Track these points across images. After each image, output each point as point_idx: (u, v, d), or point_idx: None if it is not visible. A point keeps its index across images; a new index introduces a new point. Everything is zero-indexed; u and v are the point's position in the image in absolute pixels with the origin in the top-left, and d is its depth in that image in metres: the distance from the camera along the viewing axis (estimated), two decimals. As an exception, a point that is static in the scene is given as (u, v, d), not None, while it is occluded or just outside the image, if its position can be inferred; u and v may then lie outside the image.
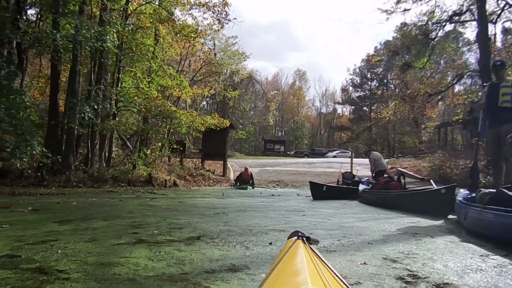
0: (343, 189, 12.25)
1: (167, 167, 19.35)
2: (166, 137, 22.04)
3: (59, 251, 3.00)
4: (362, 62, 70.26)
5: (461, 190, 6.76)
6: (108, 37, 13.44)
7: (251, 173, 18.73)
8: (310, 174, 24.26)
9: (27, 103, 13.89)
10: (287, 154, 55.90)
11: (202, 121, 17.87)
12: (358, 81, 73.10)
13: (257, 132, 65.95)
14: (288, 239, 1.61)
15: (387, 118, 36.65)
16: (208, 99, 47.80)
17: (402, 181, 9.74)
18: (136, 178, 16.13)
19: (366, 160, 15.54)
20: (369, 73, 71.22)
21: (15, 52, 16.59)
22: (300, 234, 1.54)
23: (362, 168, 21.61)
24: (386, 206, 8.42)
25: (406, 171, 21.52)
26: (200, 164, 23.08)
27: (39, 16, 18.95)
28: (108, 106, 15.36)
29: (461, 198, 5.65)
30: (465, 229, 4.90)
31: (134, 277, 2.40)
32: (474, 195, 5.35)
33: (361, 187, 11.94)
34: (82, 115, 13.88)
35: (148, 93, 17.36)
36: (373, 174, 14.06)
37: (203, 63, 30.51)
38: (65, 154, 15.61)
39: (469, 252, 3.50)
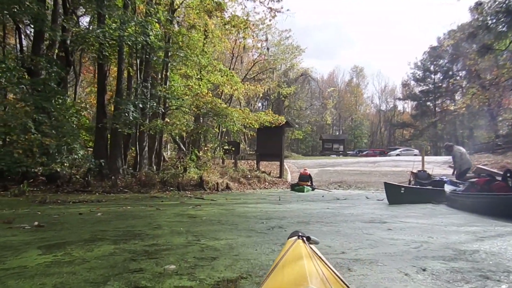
0: (426, 191, 10.12)
1: (220, 170, 18.07)
2: (218, 138, 20.88)
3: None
4: (424, 55, 65.91)
5: None
6: (149, 28, 12.32)
7: (309, 174, 16.92)
8: (375, 174, 22.01)
9: (70, 104, 13.16)
10: (346, 153, 53.17)
11: (256, 118, 16.32)
12: (421, 74, 68.21)
13: (313, 132, 63.72)
14: (288, 238, 1.58)
15: (463, 109, 32.94)
16: (263, 100, 46.45)
17: (510, 180, 7.51)
18: (187, 182, 14.97)
19: (436, 158, 13.30)
20: (432, 66, 66.28)
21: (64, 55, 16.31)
22: (300, 234, 1.53)
23: (433, 167, 18.93)
24: (493, 213, 6.43)
25: (488, 168, 18.69)
26: (255, 166, 21.61)
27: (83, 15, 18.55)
28: (155, 105, 14.26)
29: None
30: None
31: None
32: None
33: (448, 188, 9.80)
34: (126, 114, 12.86)
35: (198, 90, 16.15)
36: (457, 172, 11.93)
37: (255, 61, 29.20)
38: (112, 157, 14.79)
39: None
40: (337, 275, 1.25)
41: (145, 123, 14.47)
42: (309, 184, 16.03)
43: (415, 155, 45.12)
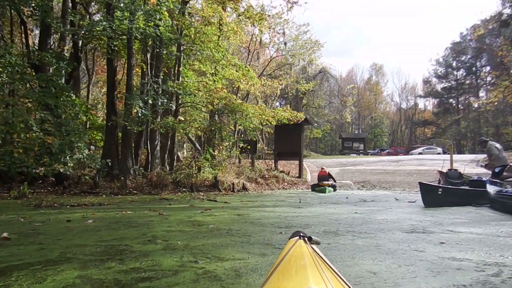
0: (466, 192, 8.98)
1: (236, 169, 17.16)
2: (234, 136, 19.98)
3: None
4: (446, 51, 63.92)
5: None
6: (158, 17, 11.50)
7: (329, 172, 15.76)
8: (400, 173, 20.81)
9: (78, 102, 12.45)
10: (367, 152, 51.65)
11: (273, 114, 15.33)
12: (443, 71, 66.12)
13: (333, 131, 62.35)
14: (289, 239, 1.55)
15: (495, 103, 31.17)
16: (280, 99, 45.39)
17: None
18: (201, 182, 14.13)
19: (462, 156, 12.17)
20: (454, 62, 64.22)
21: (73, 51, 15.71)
22: (301, 234, 1.50)
23: (459, 165, 17.55)
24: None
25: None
26: (273, 165, 20.62)
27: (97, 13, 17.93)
28: (165, 101, 13.41)
29: None
30: None
31: None
32: None
33: (491, 188, 8.64)
34: (135, 111, 12.06)
35: (212, 86, 15.26)
36: (494, 170, 10.75)
37: (272, 57, 28.16)
38: (123, 157, 14.05)
39: None
40: (338, 276, 1.24)
41: (155, 120, 13.66)
42: (330, 184, 14.93)
43: (438, 153, 43.57)
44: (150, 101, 12.71)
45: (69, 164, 10.65)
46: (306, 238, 1.48)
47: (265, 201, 9.73)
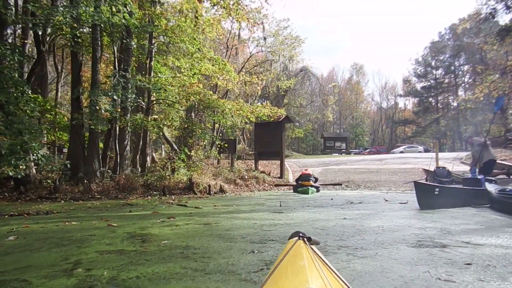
0: (464, 192, 8.12)
1: (213, 170, 16.05)
2: (212, 135, 18.84)
3: None
4: (425, 50, 64.48)
5: None
6: (122, 1, 10.34)
7: (312, 174, 14.78)
8: (384, 172, 20.08)
9: (30, 97, 11.15)
10: (349, 152, 51.18)
11: (251, 110, 14.28)
12: (422, 70, 66.90)
13: (314, 131, 61.85)
14: (289, 239, 1.53)
15: (481, 99, 30.76)
16: (261, 99, 44.44)
17: None
18: (174, 185, 13.00)
19: (444, 154, 11.57)
20: (433, 61, 64.86)
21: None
22: (301, 234, 1.46)
23: (442, 163, 16.87)
24: None
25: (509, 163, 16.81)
26: (253, 165, 19.59)
27: None
28: (134, 96, 12.23)
29: None
30: None
31: None
32: None
33: (491, 187, 7.83)
34: (97, 107, 10.86)
35: (186, 81, 14.15)
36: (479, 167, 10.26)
37: (252, 53, 27.11)
38: (88, 158, 12.85)
39: None
40: (338, 276, 1.25)
41: (123, 118, 12.47)
42: (312, 184, 13.97)
43: (420, 152, 43.40)
44: (115, 97, 11.51)
45: (21, 167, 9.37)
46: (305, 239, 1.43)
47: (241, 205, 8.68)
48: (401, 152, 44.23)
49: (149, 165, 16.06)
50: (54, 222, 5.38)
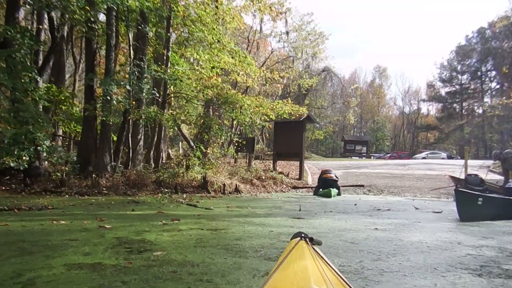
0: (509, 203, 7.14)
1: (229, 169, 15.30)
2: (229, 132, 18.09)
3: None
4: (451, 54, 62.15)
5: None
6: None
7: (335, 175, 13.89)
8: (408, 178, 19.04)
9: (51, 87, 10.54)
10: (370, 156, 49.76)
11: (272, 107, 13.45)
12: (447, 75, 64.40)
13: (334, 134, 60.54)
14: (291, 239, 1.52)
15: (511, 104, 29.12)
16: (282, 99, 43.65)
17: None
18: (188, 183, 12.33)
19: (469, 162, 10.86)
20: (459, 66, 62.42)
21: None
22: (303, 235, 1.46)
23: (470, 171, 15.72)
24: None
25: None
26: (272, 166, 18.77)
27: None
28: (148, 87, 11.55)
29: None
30: None
31: None
32: None
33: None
34: (108, 98, 10.21)
35: (205, 74, 13.44)
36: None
37: (273, 50, 26.28)
38: (100, 152, 12.26)
39: None
40: (340, 276, 1.22)
41: (136, 110, 11.82)
42: (333, 177, 13.15)
43: (443, 158, 41.80)
44: (128, 87, 10.84)
45: (24, 158, 8.78)
46: (307, 239, 1.42)
47: (257, 207, 7.87)
48: (423, 158, 42.76)
49: (163, 162, 15.43)
50: (41, 220, 4.69)
